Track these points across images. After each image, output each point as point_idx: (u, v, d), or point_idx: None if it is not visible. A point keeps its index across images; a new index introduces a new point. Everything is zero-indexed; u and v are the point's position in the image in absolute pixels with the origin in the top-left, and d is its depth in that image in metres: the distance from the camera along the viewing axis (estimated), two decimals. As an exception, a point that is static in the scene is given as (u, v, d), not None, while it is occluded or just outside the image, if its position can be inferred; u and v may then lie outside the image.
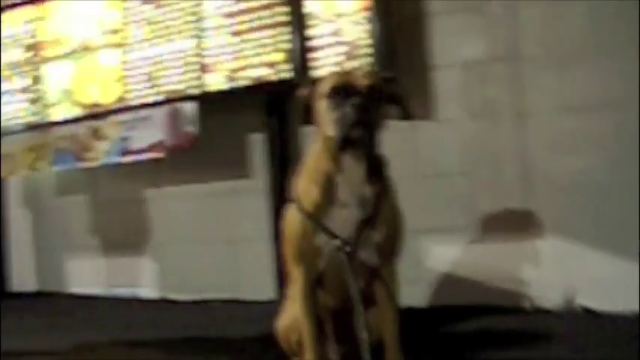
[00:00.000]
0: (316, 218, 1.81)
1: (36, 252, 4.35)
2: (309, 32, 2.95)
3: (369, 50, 2.83)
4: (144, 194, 3.83)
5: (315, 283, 1.91)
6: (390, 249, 1.87)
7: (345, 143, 1.72)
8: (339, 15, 2.88)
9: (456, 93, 2.96)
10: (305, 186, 1.86)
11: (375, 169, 1.84)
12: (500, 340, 2.40)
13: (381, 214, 1.82)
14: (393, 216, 1.87)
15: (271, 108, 3.15)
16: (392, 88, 1.87)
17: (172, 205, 3.73)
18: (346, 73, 1.83)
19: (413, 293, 2.83)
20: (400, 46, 2.95)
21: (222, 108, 3.31)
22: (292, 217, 1.88)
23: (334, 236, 1.79)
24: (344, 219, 1.80)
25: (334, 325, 1.98)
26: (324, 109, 1.77)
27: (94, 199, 4.06)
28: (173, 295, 3.70)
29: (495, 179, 2.89)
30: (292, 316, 1.97)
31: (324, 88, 1.78)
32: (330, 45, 2.92)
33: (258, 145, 3.35)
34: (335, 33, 2.90)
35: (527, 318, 2.69)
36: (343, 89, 1.74)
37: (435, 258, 2.99)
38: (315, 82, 1.86)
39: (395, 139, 2.85)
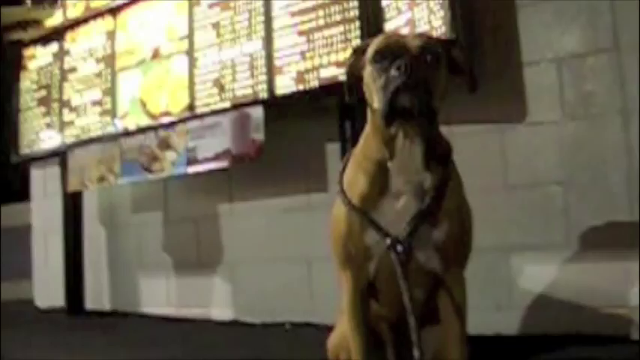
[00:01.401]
0: (364, 212, 1.52)
1: (110, 270, 4.28)
2: (382, 26, 2.71)
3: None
4: (217, 210, 3.68)
5: (368, 292, 1.61)
6: (454, 251, 1.56)
7: (391, 114, 1.43)
8: (416, 4, 2.61)
9: (549, 91, 2.65)
10: (352, 175, 1.59)
11: (436, 154, 1.54)
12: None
13: (442, 207, 1.51)
14: (458, 211, 1.56)
15: (345, 112, 2.89)
16: (453, 51, 1.56)
17: (245, 221, 3.57)
18: (395, 35, 1.54)
19: (502, 318, 2.65)
20: (486, 40, 2.72)
21: (294, 114, 3.13)
22: (337, 213, 1.60)
23: (385, 233, 1.50)
24: (397, 212, 1.51)
25: (394, 341, 1.67)
26: (368, 77, 1.50)
27: (167, 216, 3.96)
28: (245, 317, 3.52)
29: (597, 188, 2.55)
30: (342, 333, 1.69)
31: (370, 52, 1.51)
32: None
33: (335, 155, 3.10)
34: (410, 24, 2.62)
35: (635, 349, 2.29)
36: (390, 52, 1.46)
37: (528, 279, 2.67)
38: (362, 49, 1.58)
39: (481, 144, 2.75)
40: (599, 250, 2.52)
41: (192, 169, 3.24)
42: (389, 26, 2.71)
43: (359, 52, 1.58)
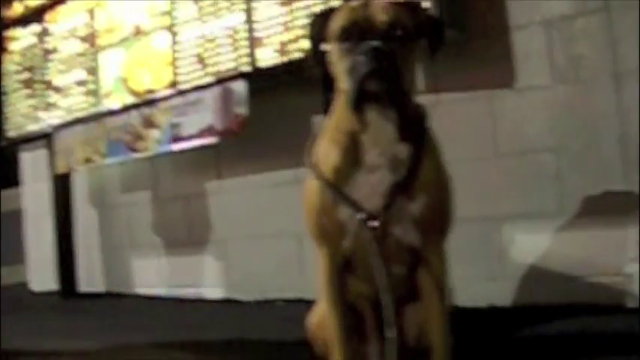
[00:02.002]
0: (337, 186, 1.45)
1: (102, 251, 4.25)
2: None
3: (433, 7, 2.43)
4: (205, 187, 3.63)
5: (345, 268, 1.55)
6: (433, 224, 1.49)
7: (360, 99, 1.37)
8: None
9: (538, 55, 2.57)
10: (324, 148, 1.52)
11: (411, 123, 1.46)
12: (598, 345, 1.97)
13: (419, 178, 1.44)
14: (436, 181, 1.49)
15: (329, 83, 2.79)
16: (420, 15, 1.48)
17: (234, 197, 3.51)
18: (362, 7, 1.46)
19: (495, 289, 2.61)
20: (471, 3, 2.64)
21: (278, 87, 3.06)
22: (309, 187, 1.54)
23: (358, 208, 1.43)
24: (372, 186, 1.44)
25: (375, 318, 1.61)
26: (333, 54, 1.43)
27: (157, 195, 3.91)
28: (237, 295, 3.48)
29: (589, 154, 2.49)
30: (322, 311, 1.63)
31: (334, 28, 1.43)
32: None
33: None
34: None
35: (630, 318, 2.22)
36: (356, 30, 1.38)
37: (520, 249, 2.62)
38: (325, 15, 1.50)
39: (468, 110, 2.68)
40: (593, 217, 2.46)
41: (176, 147, 3.19)
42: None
43: (322, 18, 1.50)
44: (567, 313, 2.34)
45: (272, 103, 3.10)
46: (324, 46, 1.49)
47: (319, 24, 1.51)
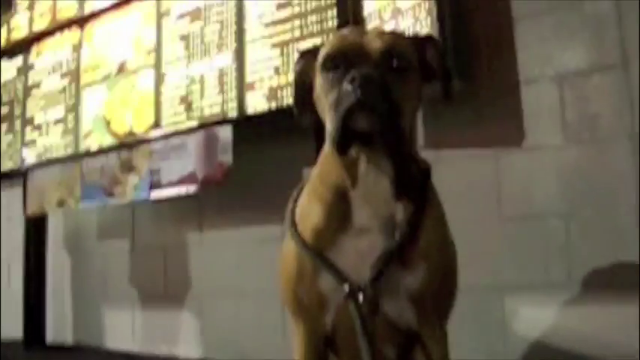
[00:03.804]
0: (318, 251, 1.23)
1: (74, 300, 4.01)
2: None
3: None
4: (186, 239, 3.42)
5: (326, 346, 1.32)
6: (432, 301, 1.26)
7: (345, 139, 1.15)
8: (400, 13, 2.35)
9: (550, 112, 2.41)
10: (306, 205, 1.30)
11: (410, 179, 1.25)
12: None
13: (418, 245, 1.22)
14: (438, 250, 1.27)
15: (322, 132, 2.60)
16: (428, 51, 1.28)
17: (216, 252, 3.30)
18: (354, 34, 1.25)
19: None
20: (479, 56, 2.49)
21: (267, 135, 2.89)
22: (287, 250, 1.31)
23: (343, 278, 1.20)
24: (360, 252, 1.22)
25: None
26: (319, 89, 1.22)
27: (134, 244, 3.69)
28: (214, 355, 3.25)
29: (602, 222, 2.29)
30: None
31: (320, 57, 1.23)
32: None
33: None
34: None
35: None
36: (344, 58, 1.18)
37: (524, 323, 2.40)
38: (314, 51, 1.30)
39: (472, 170, 2.47)
40: (605, 291, 2.26)
41: (155, 194, 2.96)
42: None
43: (310, 55, 1.30)
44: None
45: (260, 152, 2.92)
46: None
47: (306, 60, 1.30)
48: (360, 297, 1.19)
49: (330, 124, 1.17)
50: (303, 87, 1.32)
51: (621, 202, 2.25)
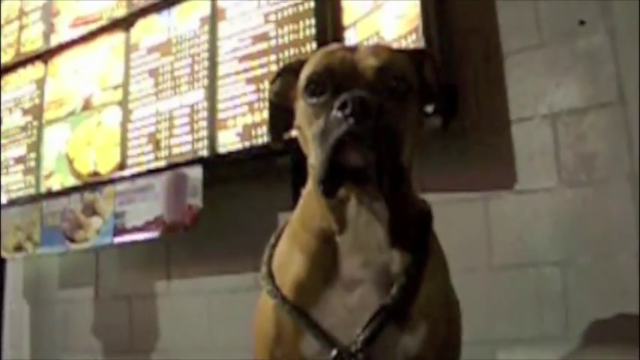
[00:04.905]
0: (300, 308, 1.05)
1: (32, 353, 3.80)
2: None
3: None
4: (152, 288, 3.24)
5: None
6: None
7: (334, 178, 0.97)
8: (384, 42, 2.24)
9: (543, 153, 2.32)
10: (285, 253, 1.12)
11: (408, 223, 1.07)
12: None
13: (418, 301, 1.05)
14: (441, 307, 1.11)
15: (300, 173, 2.45)
16: (426, 67, 1.11)
17: (184, 302, 3.13)
18: (343, 50, 1.08)
19: None
20: (467, 93, 2.40)
21: (240, 177, 2.75)
22: (263, 308, 1.13)
23: (330, 341, 1.02)
24: (350, 309, 1.04)
25: None
26: (301, 116, 1.04)
27: (98, 293, 3.51)
28: (181, 415, 3.04)
29: (601, 270, 2.18)
30: None
31: (302, 78, 1.05)
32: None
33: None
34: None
35: None
36: (331, 78, 1.01)
37: None
38: (295, 68, 1.13)
39: (460, 215, 2.32)
40: (604, 345, 2.14)
41: (119, 240, 2.78)
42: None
43: (290, 72, 1.13)
44: None
45: (233, 195, 2.78)
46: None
47: (286, 78, 1.13)
48: (352, 365, 1.01)
49: (314, 159, 0.99)
50: (280, 110, 1.14)
51: (621, 249, 2.15)
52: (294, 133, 1.13)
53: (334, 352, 1.03)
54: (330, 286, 1.06)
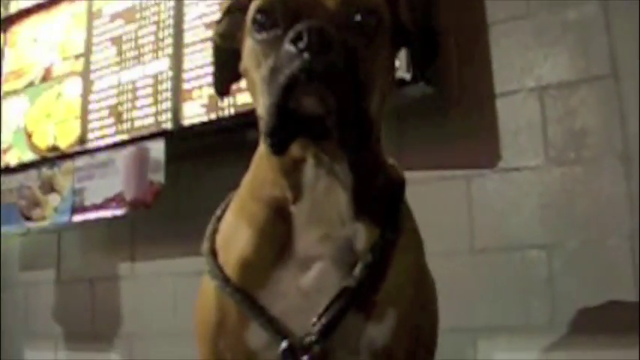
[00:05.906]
0: (246, 291, 0.90)
1: None
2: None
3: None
4: (116, 270, 3.12)
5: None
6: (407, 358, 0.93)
7: (285, 131, 0.81)
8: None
9: (529, 129, 2.24)
10: (231, 227, 0.97)
11: (377, 191, 0.93)
12: None
13: (386, 284, 0.90)
14: (414, 288, 0.96)
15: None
16: (400, 6, 0.96)
17: (149, 284, 3.01)
18: None
19: None
20: (449, 66, 2.32)
21: (206, 151, 2.63)
22: (204, 291, 0.98)
23: (280, 331, 0.87)
24: (305, 292, 0.89)
25: None
26: (248, 56, 0.88)
27: (60, 275, 3.39)
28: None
29: (590, 254, 2.10)
30: None
31: (250, 11, 0.89)
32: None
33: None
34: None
35: None
36: (286, 9, 0.84)
37: None
38: (244, 4, 0.96)
39: (440, 195, 2.18)
40: (593, 334, 2.07)
41: (77, 218, 2.65)
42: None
43: (239, 10, 0.96)
44: None
45: (198, 171, 2.67)
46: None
47: (234, 16, 0.97)
48: (305, 358, 0.86)
49: (262, 107, 0.83)
50: (227, 55, 0.98)
51: (611, 232, 2.08)
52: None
53: (284, 344, 0.88)
54: (282, 265, 0.91)
